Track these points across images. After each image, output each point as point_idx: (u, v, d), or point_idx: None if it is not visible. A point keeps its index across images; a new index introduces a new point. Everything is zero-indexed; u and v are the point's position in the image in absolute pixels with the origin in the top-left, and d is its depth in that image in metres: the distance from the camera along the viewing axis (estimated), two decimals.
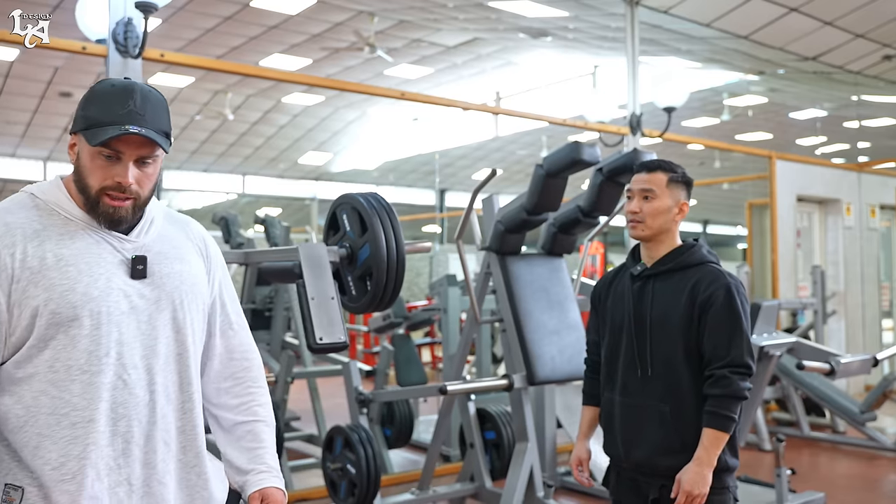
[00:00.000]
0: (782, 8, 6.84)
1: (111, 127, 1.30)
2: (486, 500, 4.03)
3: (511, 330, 3.37)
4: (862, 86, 9.31)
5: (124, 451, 1.33)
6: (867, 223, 8.09)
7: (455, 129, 14.12)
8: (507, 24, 8.66)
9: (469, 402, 3.96)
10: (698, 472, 1.97)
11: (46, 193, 1.38)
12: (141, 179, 1.36)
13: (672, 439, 2.04)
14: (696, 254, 2.11)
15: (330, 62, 10.52)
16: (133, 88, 1.34)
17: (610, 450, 2.19)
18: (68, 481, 1.28)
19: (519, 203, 3.33)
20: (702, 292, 2.03)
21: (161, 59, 3.83)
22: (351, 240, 2.58)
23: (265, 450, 1.52)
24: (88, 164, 1.34)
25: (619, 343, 2.15)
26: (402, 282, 2.53)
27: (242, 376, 1.55)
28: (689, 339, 2.04)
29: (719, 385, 1.99)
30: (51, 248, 1.32)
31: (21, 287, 1.29)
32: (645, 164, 2.16)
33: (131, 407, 1.33)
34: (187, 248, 1.49)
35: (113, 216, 1.35)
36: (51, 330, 1.29)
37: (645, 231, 2.11)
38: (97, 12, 3.76)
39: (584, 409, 2.33)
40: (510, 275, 3.40)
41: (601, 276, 2.32)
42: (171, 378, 1.40)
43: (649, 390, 2.08)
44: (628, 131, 5.85)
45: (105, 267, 1.34)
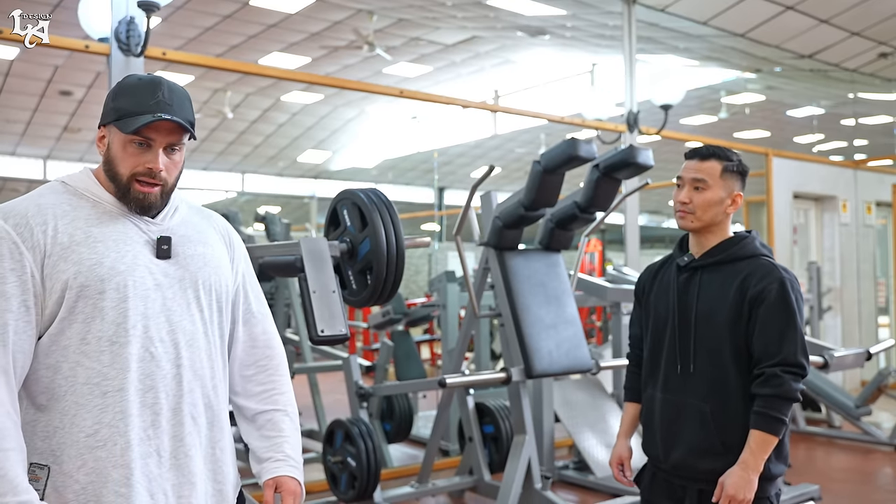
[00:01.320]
0: (778, 6, 6.88)
1: (143, 115, 1.38)
2: (485, 493, 4.09)
3: (509, 324, 3.42)
4: (858, 83, 9.35)
5: (153, 423, 1.38)
6: (863, 220, 8.13)
7: (454, 127, 14.15)
8: (505, 22, 8.69)
9: (468, 397, 4.01)
10: (743, 477, 1.85)
11: (76, 181, 1.46)
12: (169, 167, 1.44)
13: (712, 440, 1.93)
14: (748, 246, 2.00)
15: (329, 60, 10.55)
16: (161, 81, 1.43)
17: (648, 449, 2.10)
18: (100, 448, 1.34)
19: (516, 199, 3.37)
20: (753, 286, 1.92)
21: (163, 58, 3.87)
22: (351, 234, 2.62)
23: (284, 439, 1.56)
24: (120, 153, 1.42)
25: (663, 337, 2.05)
26: (402, 276, 2.57)
27: (265, 364, 1.60)
28: (738, 334, 1.93)
29: (770, 384, 1.87)
30: (80, 227, 1.39)
31: (52, 262, 1.35)
32: (697, 150, 2.03)
33: (158, 379, 1.39)
34: (211, 234, 1.55)
35: (143, 202, 1.43)
36: (80, 303, 1.35)
37: (694, 223, 2.00)
38: (99, 11, 3.80)
39: (626, 405, 2.22)
40: (508, 270, 3.45)
41: (647, 267, 2.22)
42: (197, 355, 1.45)
43: (691, 387, 1.98)
44: (626, 128, 5.90)
45: (131, 245, 1.41)
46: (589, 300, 4.96)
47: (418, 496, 4.12)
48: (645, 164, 3.25)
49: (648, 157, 3.25)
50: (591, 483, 4.61)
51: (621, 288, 4.65)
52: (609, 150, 3.36)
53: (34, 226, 1.36)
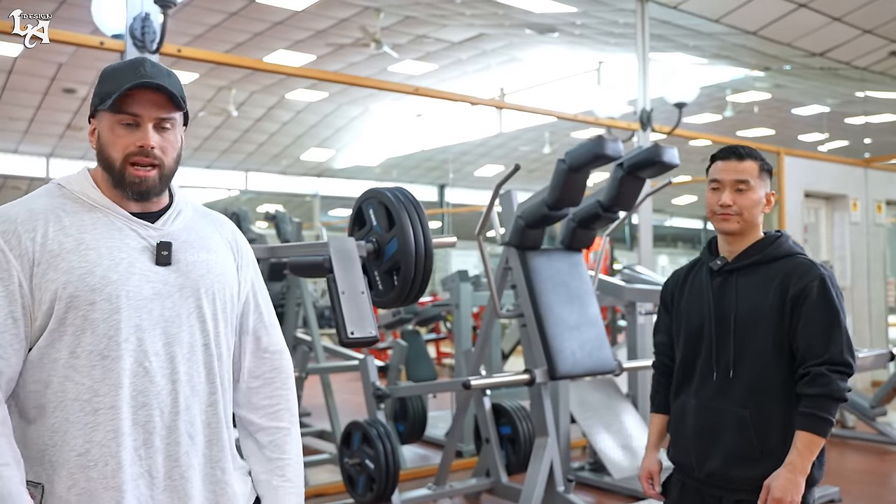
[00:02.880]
0: (791, 4, 6.84)
1: (124, 86, 1.31)
2: (502, 494, 4.05)
3: (531, 325, 3.38)
4: (868, 82, 9.32)
5: (146, 442, 1.31)
6: (874, 219, 8.10)
7: (459, 125, 14.11)
8: (514, 19, 8.64)
9: (484, 398, 3.97)
10: (790, 479, 1.79)
11: (72, 183, 1.39)
12: (163, 146, 1.36)
13: (750, 446, 1.88)
14: (783, 245, 1.95)
15: (334, 58, 10.51)
16: (142, 59, 1.37)
17: (679, 458, 2.03)
18: (91, 468, 1.27)
19: (540, 198, 3.33)
20: (794, 285, 1.87)
21: (178, 55, 3.83)
22: (378, 234, 2.58)
23: (286, 462, 1.50)
24: (109, 137, 1.35)
25: (698, 344, 1.98)
26: (430, 276, 2.53)
27: (272, 377, 1.53)
28: (780, 336, 1.87)
29: (816, 384, 1.81)
30: (72, 233, 1.31)
31: (41, 271, 1.28)
32: (733, 151, 1.96)
33: (152, 395, 1.31)
34: (216, 240, 1.47)
35: (140, 186, 1.35)
36: (70, 314, 1.28)
37: (739, 224, 1.93)
38: (113, 8, 3.75)
39: (654, 416, 2.15)
40: (531, 270, 3.41)
41: (672, 273, 2.16)
42: (196, 369, 1.37)
43: (729, 393, 1.91)
44: (639, 127, 5.86)
45: (127, 252, 1.33)
46: (605, 300, 4.91)
47: (435, 498, 4.08)
48: (670, 163, 3.20)
49: (674, 156, 3.21)
50: (608, 484, 4.58)
51: (638, 287, 4.60)
52: (633, 149, 3.31)
53: (22, 232, 1.29)
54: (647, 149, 3.23)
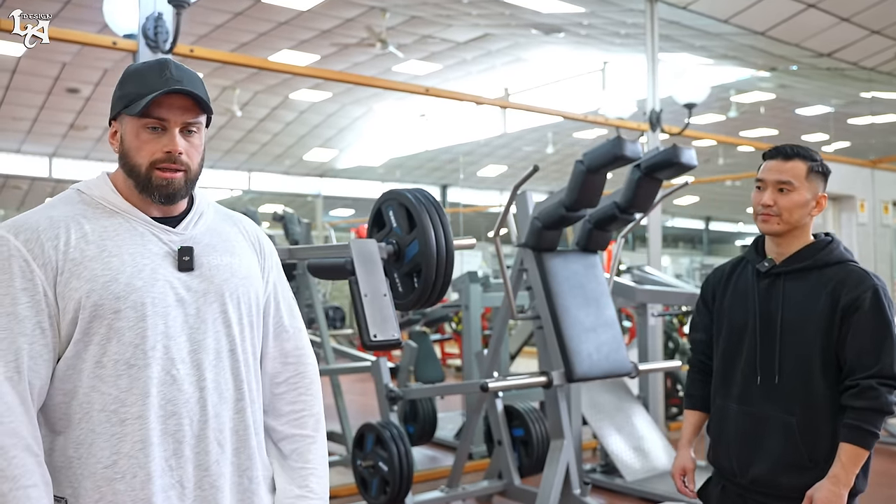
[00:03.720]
0: (800, 4, 6.83)
1: (153, 93, 1.28)
2: (515, 497, 4.03)
3: (548, 327, 3.36)
4: (875, 82, 9.31)
5: (175, 452, 1.28)
6: (880, 220, 8.08)
7: (463, 125, 14.09)
8: (521, 20, 8.63)
9: (497, 399, 3.95)
10: (834, 492, 1.76)
11: (92, 188, 1.36)
12: (189, 150, 1.33)
13: (798, 454, 1.84)
14: (834, 251, 1.90)
15: (338, 58, 10.49)
16: (168, 60, 1.34)
17: (720, 462, 1.99)
18: (118, 480, 1.24)
19: (557, 199, 3.31)
20: (846, 294, 1.82)
21: (191, 55, 3.80)
22: (398, 236, 2.56)
23: (310, 471, 1.45)
24: (134, 143, 1.32)
25: (740, 346, 1.94)
26: (451, 278, 2.51)
27: (297, 382, 1.48)
28: (829, 345, 1.83)
29: (864, 397, 1.77)
30: (94, 240, 1.28)
31: (64, 279, 1.25)
32: (780, 150, 1.91)
33: (180, 404, 1.28)
34: (239, 242, 1.43)
35: (167, 189, 1.32)
36: (94, 323, 1.25)
37: (780, 226, 1.89)
38: (125, 7, 3.73)
39: (690, 413, 2.11)
40: (547, 271, 3.39)
41: (714, 270, 2.11)
42: (223, 375, 1.34)
43: (774, 399, 1.88)
44: (648, 127, 5.84)
45: (150, 258, 1.30)
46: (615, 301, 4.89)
47: (448, 500, 4.06)
48: (688, 164, 3.18)
49: (692, 157, 3.19)
50: (619, 486, 4.56)
51: (651, 289, 4.59)
52: (650, 150, 3.29)
53: (45, 241, 1.26)
54: (665, 150, 3.21)
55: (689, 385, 2.15)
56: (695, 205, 22.36)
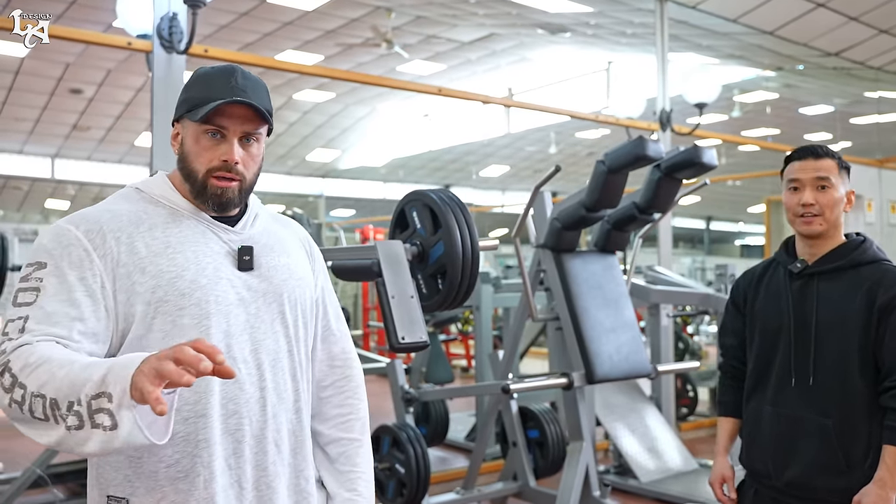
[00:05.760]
0: (809, 3, 6.82)
1: (214, 101, 1.27)
2: (530, 498, 4.00)
3: (568, 328, 3.34)
4: (882, 82, 9.30)
5: (235, 451, 1.27)
6: (888, 219, 8.07)
7: (466, 125, 14.08)
8: (527, 19, 8.62)
9: (511, 401, 3.93)
10: (882, 496, 1.74)
11: (152, 187, 1.35)
12: (246, 160, 1.32)
13: (834, 457, 1.82)
14: (868, 251, 1.89)
15: (342, 58, 10.48)
16: (234, 68, 1.32)
17: (754, 465, 1.97)
18: (181, 479, 1.23)
19: (577, 200, 3.29)
20: (882, 294, 1.80)
21: (205, 55, 3.78)
22: (422, 237, 2.54)
23: (358, 475, 1.46)
24: (194, 148, 1.31)
25: (775, 348, 1.92)
26: (476, 279, 2.49)
27: (343, 385, 1.48)
28: (866, 345, 1.81)
29: None
30: (158, 236, 1.27)
31: (126, 273, 1.23)
32: (810, 150, 1.90)
33: (241, 403, 1.27)
34: (293, 243, 1.44)
35: (221, 198, 1.31)
36: (158, 319, 1.23)
37: (823, 225, 1.87)
38: (139, 7, 3.71)
39: (724, 420, 2.09)
40: (566, 272, 3.37)
41: (743, 273, 2.10)
42: (281, 376, 1.33)
43: (809, 401, 1.86)
44: (658, 127, 5.83)
45: (212, 256, 1.30)
46: None
47: (464, 502, 4.04)
48: (710, 164, 3.16)
49: (713, 157, 3.17)
50: (633, 487, 4.54)
51: (665, 289, 4.57)
52: (671, 150, 3.27)
53: (107, 233, 1.25)
54: (685, 150, 3.19)
55: (722, 391, 2.12)
56: (696, 204, 22.36)
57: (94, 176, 15.45)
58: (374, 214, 15.27)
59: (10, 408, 1.10)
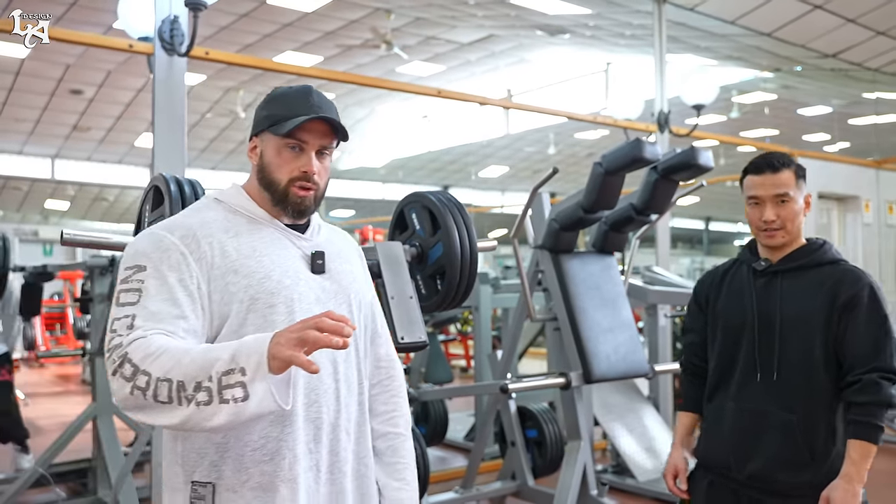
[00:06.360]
0: (807, 5, 6.86)
1: (298, 117, 1.40)
2: (529, 498, 4.03)
3: (566, 328, 3.36)
4: (879, 83, 9.34)
5: (314, 437, 1.39)
6: (885, 220, 8.09)
7: (465, 126, 14.10)
8: (525, 21, 8.65)
9: (510, 401, 3.95)
10: (849, 490, 1.78)
11: (230, 197, 1.47)
12: (321, 171, 1.45)
13: (798, 450, 1.86)
14: (829, 251, 1.95)
15: (341, 59, 10.51)
16: (310, 88, 1.46)
17: (714, 458, 2.00)
18: (266, 462, 1.34)
19: (575, 201, 3.32)
20: (844, 292, 1.86)
21: (206, 58, 3.81)
22: (421, 238, 2.57)
23: (404, 465, 1.59)
24: (275, 159, 1.43)
25: (738, 344, 1.96)
26: (475, 280, 2.52)
27: (388, 385, 1.61)
28: (827, 341, 1.86)
29: (868, 392, 1.81)
30: (244, 241, 1.40)
31: (220, 274, 1.35)
32: (768, 163, 1.93)
33: (321, 393, 1.40)
34: (351, 252, 1.59)
35: (300, 205, 1.44)
36: (251, 316, 1.35)
37: (784, 238, 1.92)
38: (140, 10, 3.73)
39: (683, 415, 2.13)
40: (564, 273, 3.40)
41: (706, 273, 2.14)
42: (350, 370, 1.47)
43: (773, 396, 1.90)
44: (656, 128, 5.85)
45: (292, 260, 1.43)
46: None
47: (463, 501, 4.07)
48: (706, 166, 3.19)
49: (709, 159, 3.20)
50: (631, 487, 4.57)
51: (662, 290, 4.59)
52: (669, 152, 3.30)
53: (201, 238, 1.37)
54: (682, 152, 3.22)
55: (685, 388, 2.17)
56: (695, 205, 22.39)
57: (94, 176, 15.47)
58: (374, 215, 15.27)
59: (131, 395, 1.21)
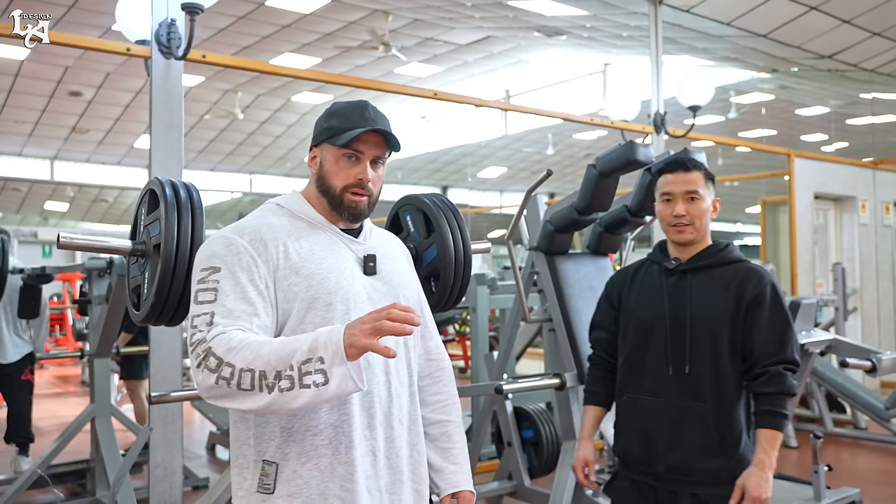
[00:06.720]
0: (802, 6, 6.88)
1: (355, 129, 1.53)
2: (525, 498, 4.05)
3: (560, 329, 3.39)
4: (876, 83, 9.36)
5: (369, 424, 1.51)
6: (882, 220, 8.13)
7: (463, 127, 14.12)
8: (523, 22, 8.67)
9: (506, 401, 3.97)
10: (763, 476, 1.89)
11: (291, 204, 1.61)
12: (374, 179, 1.58)
13: (710, 440, 1.96)
14: (733, 251, 2.07)
15: (340, 61, 10.53)
16: (367, 103, 1.60)
17: (633, 453, 2.08)
18: (325, 446, 1.47)
19: (569, 203, 3.34)
20: (750, 289, 1.98)
21: (203, 61, 3.82)
22: (415, 241, 2.58)
23: (457, 449, 1.72)
24: (333, 168, 1.57)
25: (648, 340, 2.06)
26: (469, 282, 2.54)
27: (439, 376, 1.74)
28: (734, 335, 1.98)
29: (773, 382, 1.94)
30: (304, 244, 1.53)
31: (283, 275, 1.48)
32: (680, 163, 2.07)
33: (374, 385, 1.51)
34: (399, 254, 1.73)
35: (355, 210, 1.57)
36: (310, 314, 1.47)
37: (693, 234, 2.04)
38: (138, 13, 3.75)
39: (590, 408, 2.22)
40: (559, 274, 3.42)
41: (617, 272, 2.26)
42: (401, 364, 1.59)
43: (686, 388, 1.99)
44: (652, 130, 5.88)
45: (347, 263, 1.56)
46: None
47: None
48: None
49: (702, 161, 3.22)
50: None
51: None
52: (662, 154, 3.32)
53: (268, 241, 1.49)
54: (675, 154, 3.24)
55: (591, 382, 2.26)
56: None
57: (94, 178, 15.50)
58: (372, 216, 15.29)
59: (216, 385, 1.34)
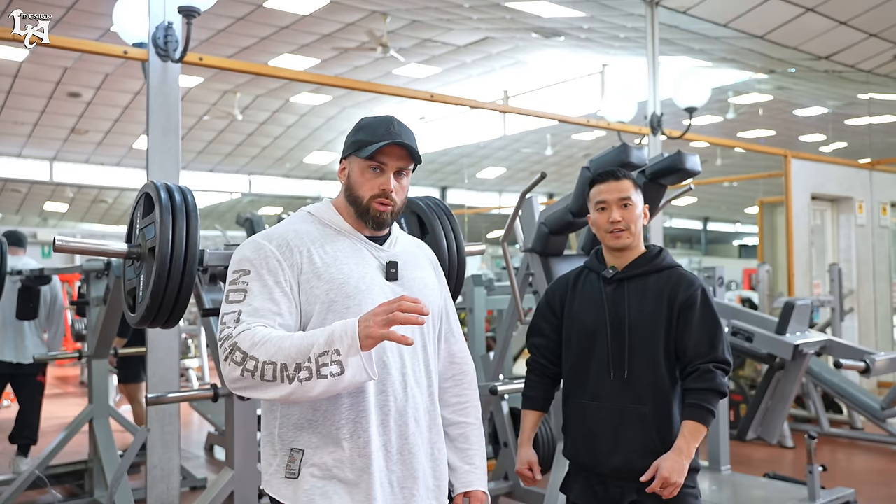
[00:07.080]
0: (799, 8, 6.89)
1: (378, 143, 1.62)
2: (521, 498, 4.07)
3: None
4: (872, 84, 9.38)
5: (383, 422, 1.60)
6: (878, 221, 8.15)
7: (462, 127, 14.14)
8: (521, 24, 8.69)
9: (502, 402, 3.99)
10: (677, 461, 1.97)
11: (321, 212, 1.71)
12: (398, 189, 1.67)
13: (653, 440, 2.03)
14: (666, 258, 2.16)
15: (338, 62, 10.55)
16: (392, 118, 1.69)
17: (578, 457, 2.15)
18: (345, 440, 1.57)
19: (564, 205, 3.35)
20: (681, 294, 2.07)
21: (200, 63, 3.85)
22: None
23: (474, 451, 1.79)
24: (359, 178, 1.67)
25: (591, 346, 2.12)
26: (462, 282, 2.56)
27: (461, 379, 1.82)
28: (669, 338, 2.06)
29: (703, 379, 2.02)
30: (328, 251, 1.63)
31: (306, 279, 1.59)
32: (610, 173, 2.17)
33: (388, 384, 1.60)
34: (423, 261, 1.80)
35: (379, 219, 1.67)
36: (329, 315, 1.57)
37: (630, 238, 2.12)
38: (135, 16, 3.77)
39: (528, 413, 2.26)
40: (553, 276, 3.43)
41: (556, 280, 2.33)
42: (418, 366, 1.66)
43: (627, 393, 2.06)
44: (649, 131, 5.90)
45: (368, 269, 1.65)
46: None
47: None
48: (693, 170, 3.22)
49: (696, 163, 3.23)
50: None
51: None
52: (655, 156, 3.33)
53: (294, 247, 1.61)
54: (669, 156, 3.25)
55: (529, 387, 2.30)
56: (693, 205, 22.44)
57: (93, 179, 15.51)
58: None
59: (241, 377, 1.47)
